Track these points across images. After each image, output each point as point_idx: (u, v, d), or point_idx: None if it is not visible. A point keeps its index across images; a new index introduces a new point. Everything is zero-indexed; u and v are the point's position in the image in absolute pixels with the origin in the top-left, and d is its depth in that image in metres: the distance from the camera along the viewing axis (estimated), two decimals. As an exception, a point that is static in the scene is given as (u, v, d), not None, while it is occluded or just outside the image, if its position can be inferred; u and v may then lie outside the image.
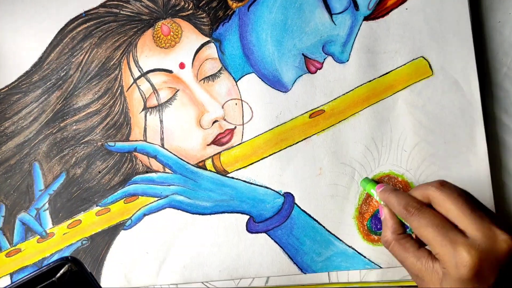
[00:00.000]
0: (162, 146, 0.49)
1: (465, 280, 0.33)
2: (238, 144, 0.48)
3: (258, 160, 0.48)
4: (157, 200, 0.48)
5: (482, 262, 0.33)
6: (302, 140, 0.48)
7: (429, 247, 0.36)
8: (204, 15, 0.50)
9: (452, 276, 0.33)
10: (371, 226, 0.47)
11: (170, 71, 0.49)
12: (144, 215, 0.48)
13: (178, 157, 0.48)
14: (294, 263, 0.47)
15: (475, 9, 0.50)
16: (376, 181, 0.47)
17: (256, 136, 0.48)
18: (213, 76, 0.49)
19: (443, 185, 0.37)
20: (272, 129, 0.48)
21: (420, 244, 0.38)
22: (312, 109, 0.49)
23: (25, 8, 0.50)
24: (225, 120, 0.49)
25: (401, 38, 0.49)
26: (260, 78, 0.49)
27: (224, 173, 0.48)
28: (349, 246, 0.47)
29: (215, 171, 0.48)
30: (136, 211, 0.48)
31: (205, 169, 0.48)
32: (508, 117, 0.49)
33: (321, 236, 0.47)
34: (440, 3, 0.49)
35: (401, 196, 0.39)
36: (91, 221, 0.48)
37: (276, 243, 0.47)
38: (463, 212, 0.35)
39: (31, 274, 0.28)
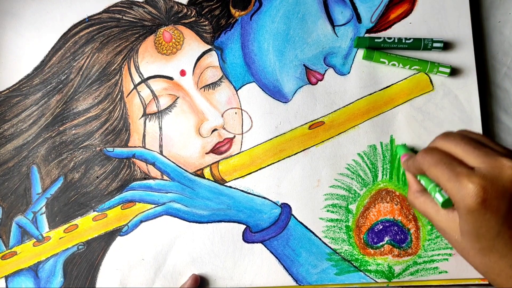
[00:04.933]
0: (161, 153, 0.48)
1: (474, 212, 0.32)
2: (236, 154, 0.48)
3: (256, 170, 0.48)
4: (154, 207, 0.48)
5: (488, 190, 0.32)
6: (301, 151, 0.48)
7: (441, 185, 0.35)
8: (206, 23, 0.50)
9: (462, 211, 0.33)
10: (368, 240, 0.47)
11: (171, 78, 0.49)
12: (141, 221, 0.48)
13: (177, 165, 0.48)
14: (289, 274, 0.47)
15: (475, 9, 0.50)
16: (413, 150, 0.47)
17: (255, 146, 0.48)
18: (213, 85, 0.49)
19: (448, 134, 0.37)
20: (271, 139, 0.48)
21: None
22: (311, 121, 0.48)
23: (29, 12, 0.50)
24: (224, 129, 0.49)
25: (403, 52, 0.49)
26: (260, 87, 0.49)
27: (222, 182, 0.48)
28: (344, 259, 0.47)
29: (213, 179, 0.48)
30: (133, 218, 0.48)
31: (203, 177, 0.48)
32: (507, 117, 0.49)
33: (317, 248, 0.47)
34: (443, 14, 0.49)
35: (416, 153, 0.40)
36: (87, 226, 0.48)
37: (272, 253, 0.47)
38: (467, 149, 0.34)
39: None
